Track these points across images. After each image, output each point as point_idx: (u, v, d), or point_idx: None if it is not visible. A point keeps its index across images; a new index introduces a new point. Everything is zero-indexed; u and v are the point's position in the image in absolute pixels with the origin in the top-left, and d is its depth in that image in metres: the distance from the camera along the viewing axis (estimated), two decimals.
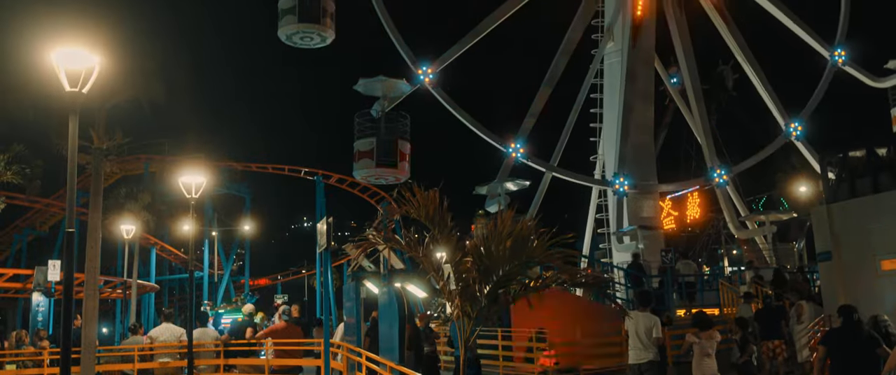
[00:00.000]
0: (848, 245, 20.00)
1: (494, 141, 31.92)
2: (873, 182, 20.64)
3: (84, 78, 12.38)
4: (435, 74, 31.34)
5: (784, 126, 36.73)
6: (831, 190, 22.06)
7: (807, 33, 37.57)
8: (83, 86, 12.39)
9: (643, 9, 34.36)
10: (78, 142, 12.41)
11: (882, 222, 19.33)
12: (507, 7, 32.77)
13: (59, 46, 12.43)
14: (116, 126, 25.61)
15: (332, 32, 29.94)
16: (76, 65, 12.53)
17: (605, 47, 35.67)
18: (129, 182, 48.89)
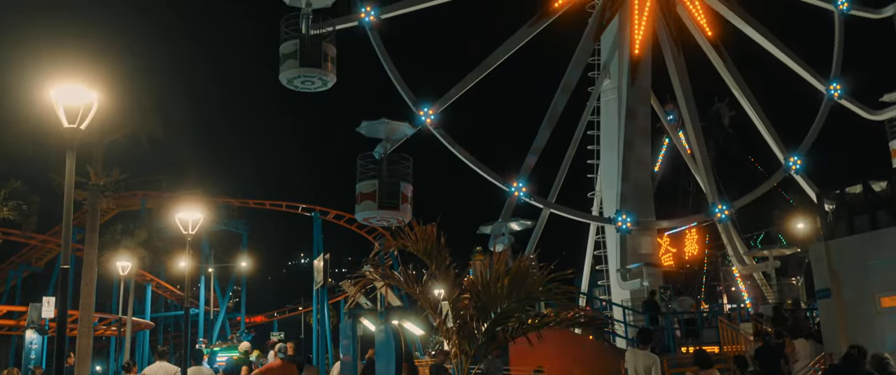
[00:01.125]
0: (847, 282, 19.93)
1: (497, 180, 31.95)
2: (871, 219, 20.64)
3: (82, 114, 12.40)
4: (436, 115, 31.48)
5: (783, 160, 36.86)
6: (829, 227, 22.05)
7: (802, 68, 37.86)
8: (81, 122, 12.40)
9: (641, 47, 34.70)
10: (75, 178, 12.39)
11: (881, 259, 19.28)
12: (506, 47, 33.03)
13: (58, 83, 12.48)
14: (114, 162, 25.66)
15: (333, 76, 30.13)
16: (75, 101, 12.56)
17: (602, 84, 35.90)
18: (126, 218, 48.81)
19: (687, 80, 35.51)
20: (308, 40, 29.07)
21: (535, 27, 33.44)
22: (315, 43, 29.22)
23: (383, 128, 29.56)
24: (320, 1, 29.92)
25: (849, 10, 39.38)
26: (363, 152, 30.25)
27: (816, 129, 37.52)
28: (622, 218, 32.15)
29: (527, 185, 31.95)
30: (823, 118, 37.79)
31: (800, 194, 40.92)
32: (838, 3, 39.22)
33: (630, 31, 34.63)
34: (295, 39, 29.33)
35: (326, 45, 29.53)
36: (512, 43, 32.99)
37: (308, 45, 28.97)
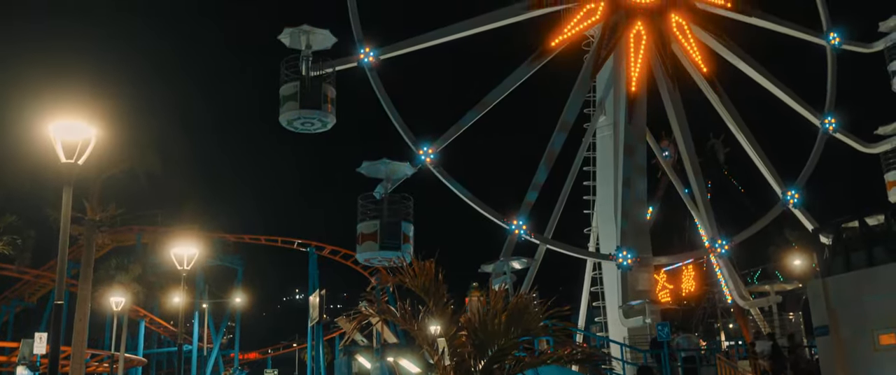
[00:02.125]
0: (845, 319, 19.87)
1: (497, 219, 31.95)
2: (868, 255, 20.66)
3: (80, 149, 12.46)
4: (436, 154, 31.57)
5: (781, 194, 36.97)
6: (826, 263, 22.05)
7: (797, 103, 38.12)
8: (79, 157, 12.46)
9: (637, 84, 34.99)
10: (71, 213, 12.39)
11: (878, 296, 19.25)
12: (505, 86, 33.24)
13: (57, 118, 12.56)
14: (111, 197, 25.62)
15: (332, 118, 30.26)
16: (73, 136, 12.64)
17: (597, 121, 36.10)
18: (121, 253, 48.60)
19: (684, 117, 35.75)
20: (308, 82, 29.30)
21: (533, 66, 33.72)
22: (315, 84, 29.44)
23: (384, 169, 29.65)
24: (320, 43, 30.24)
25: (841, 45, 39.82)
26: (364, 192, 30.29)
27: (813, 163, 37.69)
28: (623, 255, 32.12)
29: (527, 223, 31.93)
30: (819, 152, 37.99)
31: (797, 230, 40.92)
32: (830, 37, 39.69)
33: (626, 69, 34.92)
34: (295, 81, 29.51)
35: (326, 86, 29.73)
36: (510, 81, 33.24)
37: (308, 86, 29.18)
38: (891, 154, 37.49)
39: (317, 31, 29.86)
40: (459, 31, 33.33)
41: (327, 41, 30.43)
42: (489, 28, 34.01)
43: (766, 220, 37.19)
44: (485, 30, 34.00)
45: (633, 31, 35.16)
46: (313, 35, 29.91)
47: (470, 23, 33.43)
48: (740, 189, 46.30)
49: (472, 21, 33.48)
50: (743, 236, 36.36)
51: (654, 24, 35.54)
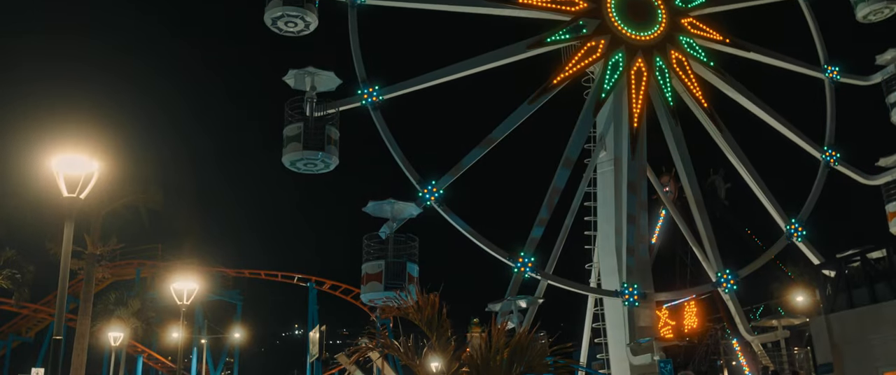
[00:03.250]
0: (849, 356, 19.72)
1: (503, 257, 31.87)
2: (870, 292, 20.57)
3: (83, 183, 12.47)
4: (440, 193, 31.61)
5: (784, 228, 36.99)
6: (829, 300, 21.95)
7: (797, 136, 38.36)
8: (81, 191, 12.46)
9: (639, 120, 35.16)
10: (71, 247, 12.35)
11: (882, 333, 19.15)
12: (508, 123, 33.34)
13: (60, 152, 12.59)
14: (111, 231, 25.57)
15: (335, 159, 30.38)
16: (75, 170, 12.66)
17: (598, 156, 36.16)
18: (120, 287, 48.30)
19: (686, 152, 35.88)
20: (312, 123, 29.45)
21: (536, 103, 33.86)
22: (318, 126, 29.59)
23: (389, 208, 29.61)
24: (325, 84, 30.48)
25: (839, 78, 40.19)
26: (363, 225, 30.19)
27: (815, 196, 37.76)
28: (629, 291, 31.93)
29: (533, 260, 31.79)
30: (821, 184, 38.08)
31: (798, 265, 40.77)
32: (828, 71, 40.08)
33: (628, 105, 35.11)
34: (298, 122, 29.64)
35: (330, 127, 29.88)
36: (513, 119, 33.36)
37: (311, 128, 29.31)
38: (892, 185, 37.53)
39: (321, 72, 30.11)
40: (462, 71, 33.53)
41: (332, 83, 30.63)
42: (491, 67, 34.21)
43: (771, 254, 37.13)
44: (487, 69, 34.22)
45: (634, 67, 35.46)
46: (318, 76, 30.15)
47: (472, 62, 33.63)
48: (741, 225, 46.23)
49: (474, 60, 33.68)
50: (749, 270, 36.22)
51: (653, 60, 35.86)
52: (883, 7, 38.78)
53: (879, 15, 39.25)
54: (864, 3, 38.87)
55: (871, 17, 39.37)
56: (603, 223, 35.75)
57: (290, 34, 31.39)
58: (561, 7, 35.24)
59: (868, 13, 39.08)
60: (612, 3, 35.82)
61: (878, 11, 39.05)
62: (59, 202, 12.52)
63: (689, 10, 37.54)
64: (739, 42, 38.30)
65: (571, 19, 35.15)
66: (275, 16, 30.50)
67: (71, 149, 12.65)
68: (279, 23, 30.72)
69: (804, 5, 40.95)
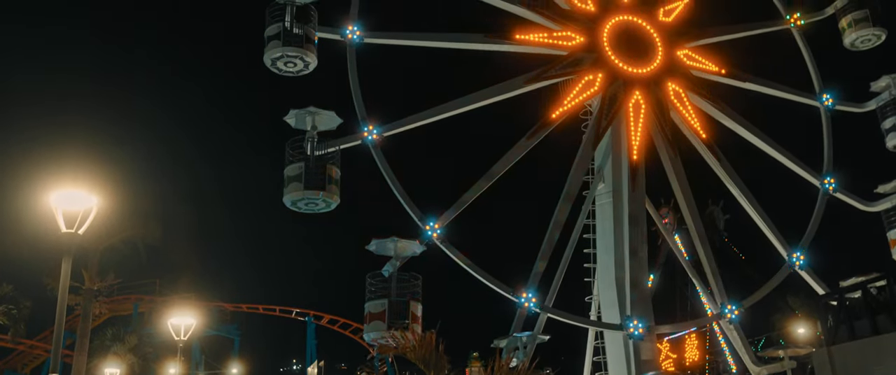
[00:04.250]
0: None
1: (506, 292, 31.71)
2: (872, 323, 20.48)
3: (81, 219, 12.47)
4: (442, 229, 31.57)
5: (786, 256, 36.92)
6: (830, 332, 21.83)
7: (796, 164, 38.39)
8: (80, 227, 12.45)
9: (639, 152, 35.26)
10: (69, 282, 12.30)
11: (884, 364, 19.02)
12: (508, 159, 33.40)
13: (58, 187, 12.60)
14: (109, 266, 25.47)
15: (336, 199, 30.25)
16: (74, 206, 12.66)
17: (596, 188, 36.15)
18: (117, 323, 47.98)
19: (686, 184, 35.92)
20: (313, 163, 29.46)
21: (535, 138, 33.86)
22: (319, 165, 29.58)
23: (393, 247, 29.54)
24: (326, 123, 30.58)
25: (834, 106, 40.45)
26: (360, 251, 30.06)
27: (815, 224, 37.71)
28: (633, 324, 31.75)
29: (536, 296, 31.64)
30: (821, 212, 38.05)
31: (799, 296, 40.61)
32: (823, 98, 40.33)
33: (627, 138, 35.21)
34: (299, 162, 29.64)
35: (330, 167, 29.87)
36: (513, 154, 33.34)
37: (313, 167, 29.35)
38: (892, 212, 37.56)
39: (322, 112, 30.18)
40: (461, 107, 33.59)
41: (332, 122, 30.72)
42: (490, 102, 34.32)
43: (774, 283, 36.99)
44: (486, 104, 34.38)
45: (632, 100, 35.64)
46: (319, 116, 30.23)
47: (471, 98, 33.72)
48: (741, 255, 46.16)
49: (473, 96, 33.77)
50: (752, 300, 36.06)
51: (651, 93, 36.07)
52: (869, 35, 39.39)
53: (867, 43, 39.90)
54: (851, 30, 39.44)
55: (859, 45, 39.96)
56: (602, 255, 35.64)
57: (290, 74, 31.59)
58: (558, 42, 35.50)
59: (855, 39, 39.65)
60: (608, 38, 36.12)
61: (865, 39, 39.68)
62: (58, 237, 12.50)
63: (684, 42, 37.94)
64: (735, 72, 38.63)
65: (568, 54, 35.38)
66: (274, 56, 30.71)
67: (70, 184, 12.67)
68: (278, 63, 30.93)
69: (797, 34, 41.44)
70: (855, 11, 39.34)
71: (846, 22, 39.63)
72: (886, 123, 38.98)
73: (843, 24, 39.83)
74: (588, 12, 36.37)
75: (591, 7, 36.52)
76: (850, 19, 39.44)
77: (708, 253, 35.75)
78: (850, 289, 24.01)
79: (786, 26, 41.35)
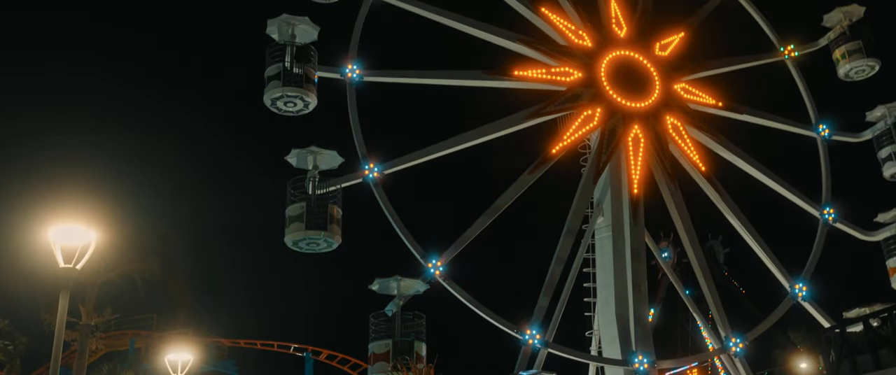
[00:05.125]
0: None
1: (510, 329, 31.51)
2: (874, 358, 20.32)
3: (79, 254, 12.42)
4: (444, 267, 31.50)
5: (789, 288, 36.81)
6: (833, 367, 21.65)
7: (795, 195, 38.59)
8: (78, 262, 12.41)
9: (639, 186, 35.29)
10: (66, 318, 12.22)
11: None
12: (509, 194, 33.39)
13: (57, 222, 12.58)
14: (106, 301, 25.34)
15: (338, 238, 30.22)
16: (72, 241, 12.63)
17: (596, 222, 36.10)
18: (113, 358, 47.46)
19: (688, 217, 35.93)
20: (314, 203, 29.43)
21: (536, 173, 33.97)
22: (321, 205, 29.55)
23: (396, 285, 29.45)
24: (327, 163, 30.70)
25: (830, 136, 40.86)
26: (370, 303, 29.88)
27: (816, 254, 37.74)
28: (638, 360, 31.50)
29: (540, 332, 31.39)
30: (822, 243, 38.13)
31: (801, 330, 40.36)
32: (820, 129, 40.73)
33: (627, 172, 35.28)
34: (301, 202, 29.61)
35: (332, 206, 29.82)
36: (514, 189, 33.38)
37: (314, 207, 29.30)
38: (891, 241, 37.71)
39: (324, 151, 30.35)
40: (461, 143, 33.79)
41: (334, 161, 30.81)
42: (490, 138, 34.46)
43: (777, 316, 36.82)
44: (486, 140, 34.46)
45: (631, 134, 35.80)
46: (320, 156, 30.39)
47: (471, 134, 33.90)
48: (741, 289, 45.98)
49: (473, 132, 33.95)
50: (756, 333, 35.81)
51: (650, 127, 36.24)
52: (863, 65, 39.99)
53: (861, 74, 40.52)
54: (845, 62, 40.07)
55: (853, 76, 40.59)
56: (602, 290, 35.44)
57: (290, 114, 31.75)
58: (556, 78, 35.78)
59: (849, 70, 40.29)
60: (606, 73, 36.40)
61: (859, 70, 40.34)
62: (55, 272, 12.45)
63: (681, 75, 38.25)
64: (732, 105, 39.03)
65: (567, 89, 35.64)
66: (274, 96, 30.90)
67: (68, 218, 12.65)
68: (278, 103, 31.12)
69: (791, 66, 41.93)
70: (848, 43, 40.09)
71: (840, 53, 40.33)
72: (883, 153, 39.44)
73: (837, 55, 40.52)
74: (585, 48, 36.75)
75: (588, 43, 36.91)
76: (844, 50, 40.12)
77: (711, 287, 35.62)
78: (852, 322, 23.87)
79: (780, 58, 41.96)
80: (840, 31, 40.59)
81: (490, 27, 36.09)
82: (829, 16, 41.06)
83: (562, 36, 36.81)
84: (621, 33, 37.97)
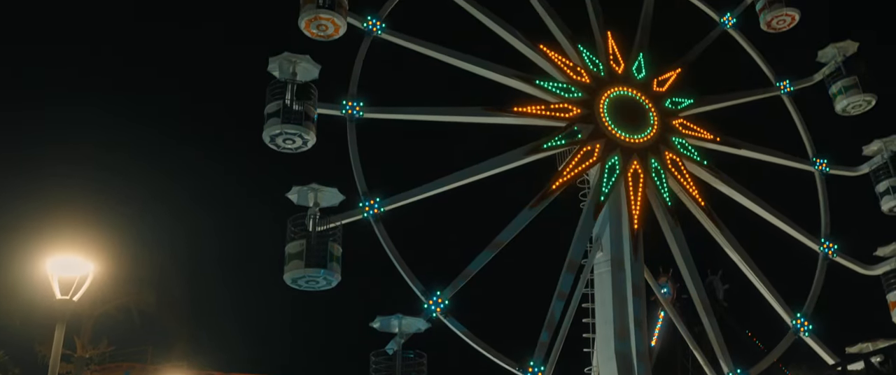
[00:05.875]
0: None
1: (512, 367, 31.23)
2: None
3: (76, 286, 12.42)
4: (445, 303, 31.39)
5: (791, 323, 36.60)
6: None
7: (795, 230, 38.63)
8: (75, 294, 12.40)
9: (639, 221, 35.29)
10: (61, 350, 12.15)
11: None
12: (510, 230, 33.25)
13: (55, 254, 12.58)
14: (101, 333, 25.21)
15: (338, 276, 29.90)
16: (70, 272, 12.62)
17: (595, 257, 35.97)
18: None
19: (688, 252, 35.84)
20: (314, 240, 29.28)
21: (537, 208, 33.91)
22: (321, 242, 29.41)
23: (397, 323, 29.25)
24: (328, 200, 30.49)
25: (828, 170, 41.18)
26: (368, 336, 29.47)
27: (817, 289, 37.68)
28: None
29: (542, 369, 31.13)
30: (822, 277, 38.10)
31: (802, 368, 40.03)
32: (817, 163, 41.07)
33: (628, 207, 35.26)
34: (301, 240, 29.36)
35: (332, 244, 29.68)
36: (515, 225, 33.27)
37: (314, 245, 29.18)
38: (891, 275, 37.59)
39: (325, 189, 30.12)
40: (461, 179, 33.78)
41: (335, 198, 30.57)
42: (491, 174, 34.49)
43: (779, 351, 36.60)
44: (486, 176, 34.46)
45: (631, 169, 35.92)
46: (321, 193, 30.15)
47: (471, 170, 33.92)
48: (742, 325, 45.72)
49: (473, 169, 33.97)
50: (759, 368, 35.53)
51: (649, 162, 36.39)
52: (860, 100, 40.43)
53: (857, 108, 40.98)
54: (842, 96, 40.58)
55: (850, 110, 40.99)
56: (602, 326, 35.10)
57: (288, 151, 31.79)
58: (556, 114, 36.01)
59: (846, 105, 40.71)
60: (605, 108, 36.70)
61: (856, 104, 40.76)
62: (52, 304, 12.43)
63: (678, 111, 38.58)
64: (730, 140, 39.29)
65: (567, 125, 35.86)
66: (273, 133, 30.93)
67: (66, 250, 12.66)
68: (278, 140, 31.15)
69: (787, 100, 42.38)
70: (844, 79, 40.62)
71: (836, 89, 40.85)
72: (880, 187, 39.63)
73: (833, 90, 41.03)
74: (584, 84, 37.09)
75: (586, 79, 37.27)
76: (841, 86, 40.69)
77: (713, 323, 35.39)
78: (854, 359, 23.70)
79: (776, 93, 42.47)
80: (834, 66, 41.17)
81: (489, 64, 36.39)
82: (823, 51, 41.67)
83: (561, 73, 37.17)
84: (619, 70, 38.40)
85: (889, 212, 39.14)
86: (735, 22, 43.41)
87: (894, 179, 39.05)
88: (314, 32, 33.23)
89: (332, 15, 32.83)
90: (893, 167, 39.37)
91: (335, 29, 33.30)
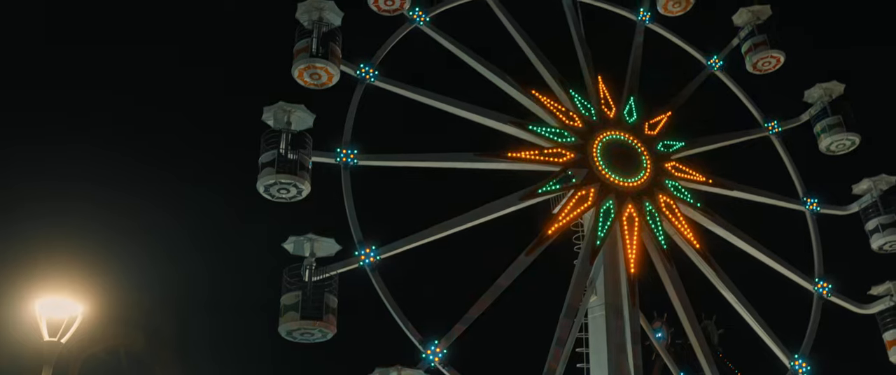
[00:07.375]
0: None
1: None
2: None
3: (65, 327, 12.39)
4: (444, 352, 31.02)
5: (789, 365, 36.29)
6: None
7: (789, 270, 38.65)
8: (63, 335, 12.36)
9: (636, 265, 35.25)
10: None
11: None
12: (507, 276, 33.16)
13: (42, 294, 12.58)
14: None
15: (333, 328, 29.84)
16: (58, 314, 12.60)
17: (589, 301, 35.77)
18: None
19: (685, 296, 35.66)
20: (310, 291, 29.27)
21: (533, 254, 33.85)
22: (317, 293, 29.39)
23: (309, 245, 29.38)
24: (324, 250, 30.57)
25: (819, 209, 41.45)
26: None
27: (813, 329, 37.55)
28: None
29: None
30: (818, 317, 38.03)
31: None
32: (808, 203, 41.35)
33: (624, 251, 35.21)
34: (296, 291, 29.40)
35: (328, 295, 29.61)
36: (512, 271, 33.17)
37: (310, 296, 29.14)
38: (886, 313, 37.54)
39: (321, 239, 30.29)
40: (457, 226, 33.78)
41: (331, 248, 30.70)
42: (486, 220, 34.48)
43: None
44: (482, 222, 34.43)
45: (625, 213, 36.01)
46: (318, 243, 30.30)
47: (467, 217, 33.93)
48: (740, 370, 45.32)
49: (469, 215, 33.98)
50: None
51: (643, 205, 36.48)
52: (843, 139, 40.95)
53: (842, 147, 41.45)
54: (826, 135, 41.11)
55: (834, 149, 41.50)
56: (596, 371, 34.83)
57: (283, 200, 31.90)
58: (550, 158, 36.24)
59: (830, 144, 41.27)
60: (598, 153, 36.96)
61: (839, 144, 41.29)
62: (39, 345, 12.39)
63: (670, 154, 38.92)
64: (722, 181, 39.59)
65: (561, 170, 36.01)
66: (268, 183, 31.08)
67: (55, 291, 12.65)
68: (272, 190, 31.27)
69: (776, 141, 42.87)
70: (828, 118, 41.21)
71: (820, 128, 41.46)
72: (870, 225, 39.90)
73: (817, 129, 41.60)
74: (576, 128, 37.44)
75: (579, 123, 37.64)
76: (824, 125, 41.30)
77: (712, 368, 35.08)
78: None
79: (765, 134, 43.04)
80: (821, 106, 41.76)
81: (482, 109, 36.76)
82: (809, 92, 42.31)
83: (553, 118, 37.51)
84: (611, 114, 38.82)
85: (879, 250, 39.44)
86: (722, 64, 44.20)
87: (884, 217, 39.40)
88: (308, 81, 33.66)
89: (326, 64, 33.34)
90: (883, 205, 39.71)
91: (328, 77, 33.76)
